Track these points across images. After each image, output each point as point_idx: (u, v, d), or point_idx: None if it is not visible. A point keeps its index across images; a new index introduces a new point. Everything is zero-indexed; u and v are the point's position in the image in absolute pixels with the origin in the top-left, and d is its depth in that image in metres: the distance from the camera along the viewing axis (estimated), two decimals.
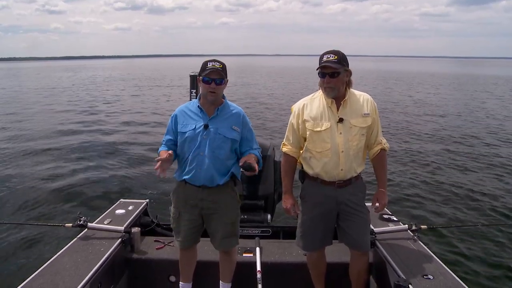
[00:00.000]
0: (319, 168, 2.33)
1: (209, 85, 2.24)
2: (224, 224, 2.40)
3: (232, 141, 2.33)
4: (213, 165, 2.29)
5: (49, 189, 6.37)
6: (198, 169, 2.31)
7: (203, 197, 2.36)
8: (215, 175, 2.31)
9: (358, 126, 2.28)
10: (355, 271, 2.50)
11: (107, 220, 3.08)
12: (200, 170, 2.30)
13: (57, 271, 2.32)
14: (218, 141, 2.29)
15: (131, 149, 9.30)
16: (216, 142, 2.29)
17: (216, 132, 2.29)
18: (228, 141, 2.31)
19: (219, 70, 2.23)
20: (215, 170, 2.31)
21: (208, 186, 2.33)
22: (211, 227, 2.44)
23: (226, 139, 2.30)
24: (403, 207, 5.60)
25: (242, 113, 2.40)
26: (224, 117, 2.34)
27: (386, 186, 2.44)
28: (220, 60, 2.30)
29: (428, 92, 24.97)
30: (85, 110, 16.10)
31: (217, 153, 2.30)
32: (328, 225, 2.43)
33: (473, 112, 15.96)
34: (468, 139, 10.62)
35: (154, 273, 2.83)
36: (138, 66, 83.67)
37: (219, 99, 2.33)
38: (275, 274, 2.75)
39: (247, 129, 2.40)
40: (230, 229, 2.43)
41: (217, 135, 2.29)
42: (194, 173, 2.32)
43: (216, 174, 2.31)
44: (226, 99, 2.40)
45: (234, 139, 2.33)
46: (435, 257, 2.55)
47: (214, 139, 2.29)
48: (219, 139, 2.29)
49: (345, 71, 2.23)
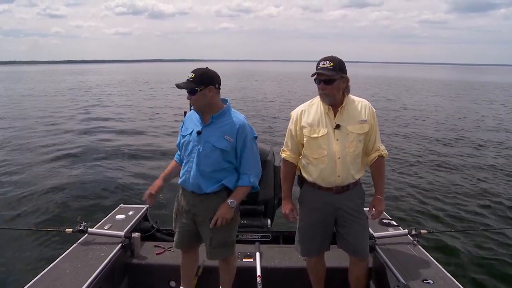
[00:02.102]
0: (316, 175, 2.33)
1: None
2: (214, 233, 2.31)
3: (222, 151, 2.23)
4: (199, 173, 2.26)
5: (49, 194, 6.35)
6: (187, 174, 2.31)
7: (194, 203, 2.35)
8: (201, 183, 2.27)
9: (355, 132, 2.27)
10: (354, 277, 2.50)
11: (107, 225, 3.09)
12: (189, 176, 2.30)
13: (58, 277, 2.32)
14: (206, 150, 2.24)
15: (131, 154, 9.29)
16: (204, 151, 2.25)
17: (206, 140, 2.25)
18: (217, 151, 2.23)
19: (188, 82, 2.18)
20: (201, 178, 2.26)
21: (197, 193, 2.31)
22: (203, 234, 2.41)
23: (215, 148, 2.23)
24: (403, 212, 5.59)
25: (240, 124, 2.26)
26: (217, 126, 2.27)
27: (383, 193, 2.44)
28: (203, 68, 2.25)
29: (428, 98, 25.03)
30: (85, 114, 16.09)
31: (204, 161, 2.25)
32: (326, 231, 2.44)
33: (473, 117, 15.98)
34: (468, 143, 10.63)
35: (154, 278, 2.83)
36: (139, 71, 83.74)
37: (202, 108, 2.25)
38: (275, 279, 2.75)
39: (242, 142, 2.25)
40: (220, 239, 2.35)
41: (206, 144, 2.25)
42: (184, 179, 2.33)
43: (202, 182, 2.27)
44: (229, 106, 2.33)
45: (224, 149, 2.23)
46: (435, 262, 2.55)
47: (203, 147, 2.26)
48: (207, 148, 2.24)
49: (341, 78, 2.22)
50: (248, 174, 2.30)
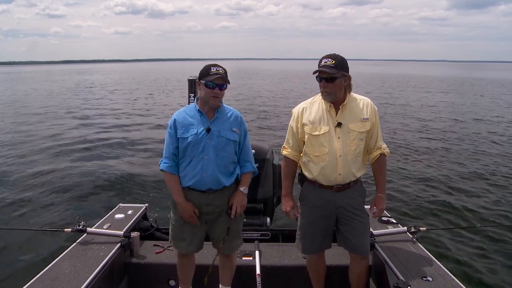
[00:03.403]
0: (317, 172, 2.33)
1: (212, 90, 2.24)
2: (232, 223, 2.41)
3: (234, 143, 2.35)
4: (218, 168, 2.30)
5: (48, 194, 6.35)
6: (203, 173, 2.29)
7: (208, 201, 2.35)
8: (221, 178, 2.32)
9: (357, 130, 2.27)
10: (355, 275, 2.50)
11: (106, 224, 3.09)
12: (206, 174, 2.29)
13: (57, 276, 2.32)
14: (221, 144, 2.30)
15: (130, 153, 9.30)
16: (220, 145, 2.30)
17: (219, 134, 2.30)
18: (231, 143, 2.33)
19: (223, 76, 2.24)
20: (220, 173, 2.31)
21: (214, 189, 2.33)
22: (216, 231, 2.43)
23: (229, 141, 2.31)
24: (402, 210, 5.60)
25: (240, 116, 2.42)
26: (223, 119, 2.34)
27: (384, 191, 2.43)
28: (220, 64, 2.31)
29: (428, 95, 25.03)
30: (84, 114, 16.08)
31: (221, 155, 2.31)
32: (327, 229, 2.43)
33: (474, 114, 15.96)
34: (468, 141, 10.63)
35: (154, 277, 2.83)
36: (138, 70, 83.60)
37: (220, 104, 2.35)
38: (274, 278, 2.75)
39: (244, 132, 2.41)
40: (237, 229, 2.47)
41: (220, 138, 2.30)
42: (199, 178, 2.30)
43: (222, 177, 2.32)
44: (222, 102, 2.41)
45: (236, 140, 2.35)
46: (434, 259, 2.55)
47: (218, 142, 2.29)
48: (222, 142, 2.30)
49: (343, 76, 2.21)
50: (249, 161, 2.45)
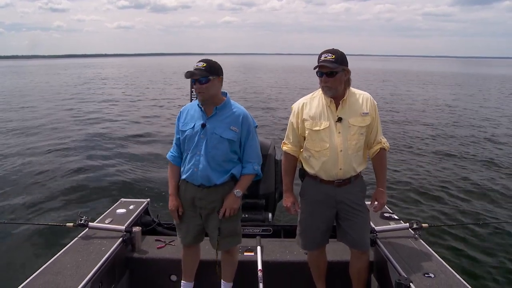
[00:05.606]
0: (318, 167, 2.32)
1: (194, 86, 2.25)
2: (222, 223, 2.35)
3: (230, 142, 2.28)
4: (208, 165, 2.28)
5: (50, 188, 6.37)
6: (194, 168, 2.30)
7: (201, 196, 2.35)
8: (211, 175, 2.29)
9: (357, 125, 2.27)
10: (355, 270, 2.50)
11: (108, 219, 3.09)
12: (197, 169, 2.29)
13: (58, 271, 2.32)
14: (214, 141, 2.27)
15: (132, 148, 9.30)
16: (212, 142, 2.27)
17: (213, 131, 2.27)
18: (225, 142, 2.27)
19: (201, 70, 2.20)
20: (211, 170, 2.28)
21: (205, 185, 2.32)
22: (209, 227, 2.43)
23: (222, 139, 2.27)
24: (405, 206, 5.59)
25: (243, 114, 2.33)
26: (222, 117, 2.30)
27: (385, 185, 2.44)
28: (210, 59, 2.29)
29: (430, 90, 24.95)
30: (86, 109, 16.08)
31: (213, 153, 2.28)
32: (327, 224, 2.43)
33: (477, 110, 15.90)
34: (471, 137, 10.59)
35: (155, 272, 2.83)
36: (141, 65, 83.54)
37: (209, 98, 2.27)
38: (276, 273, 2.75)
39: (246, 131, 2.32)
40: (230, 228, 2.40)
41: (213, 135, 2.27)
42: (191, 172, 2.32)
43: (212, 174, 2.29)
44: (229, 98, 2.37)
45: (231, 139, 2.28)
46: (436, 255, 2.54)
47: (210, 139, 2.27)
48: (215, 139, 2.27)
49: (343, 70, 2.22)
50: (251, 162, 2.37)
